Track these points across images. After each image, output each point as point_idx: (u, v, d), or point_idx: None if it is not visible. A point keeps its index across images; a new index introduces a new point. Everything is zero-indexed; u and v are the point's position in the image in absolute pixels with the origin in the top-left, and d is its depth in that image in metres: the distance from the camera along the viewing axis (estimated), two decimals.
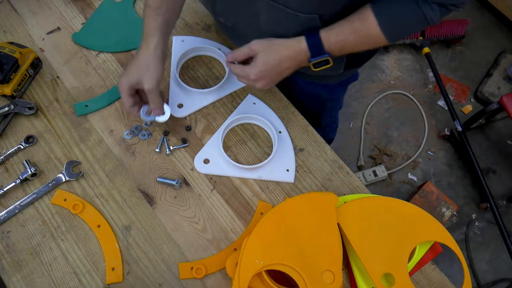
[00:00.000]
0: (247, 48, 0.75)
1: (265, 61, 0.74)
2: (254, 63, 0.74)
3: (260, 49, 0.74)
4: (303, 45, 0.73)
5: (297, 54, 0.74)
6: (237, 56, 0.77)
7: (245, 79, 0.78)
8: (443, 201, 1.68)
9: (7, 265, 0.77)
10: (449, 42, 2.18)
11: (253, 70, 0.74)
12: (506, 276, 1.75)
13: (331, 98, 1.10)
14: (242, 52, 0.76)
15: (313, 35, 0.72)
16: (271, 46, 0.74)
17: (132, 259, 0.78)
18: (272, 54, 0.73)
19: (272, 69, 0.74)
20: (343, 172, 0.87)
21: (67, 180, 0.83)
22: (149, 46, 0.76)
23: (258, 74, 0.74)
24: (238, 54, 0.77)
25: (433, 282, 0.79)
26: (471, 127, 1.93)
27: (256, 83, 0.76)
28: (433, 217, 0.74)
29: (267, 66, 0.74)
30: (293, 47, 0.73)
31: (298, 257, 0.69)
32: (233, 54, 0.77)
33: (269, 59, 0.73)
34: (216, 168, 0.85)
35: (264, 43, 0.74)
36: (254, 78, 0.75)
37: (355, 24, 0.71)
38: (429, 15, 0.67)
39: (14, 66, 0.86)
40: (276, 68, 0.74)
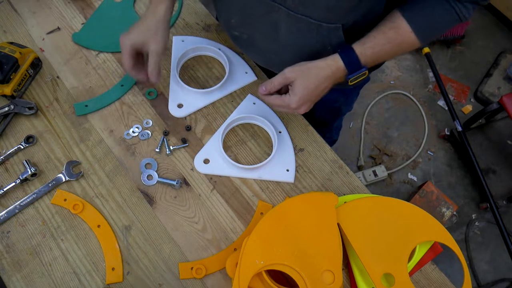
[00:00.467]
0: (281, 77, 0.73)
1: (304, 87, 0.71)
2: (292, 91, 0.72)
3: (296, 76, 0.72)
4: (340, 63, 0.71)
5: (334, 73, 0.72)
6: (271, 87, 0.74)
7: (285, 109, 0.75)
8: (443, 201, 1.68)
9: (7, 265, 0.77)
10: (449, 42, 2.18)
11: (293, 98, 0.72)
12: (506, 276, 1.75)
13: (346, 102, 1.10)
14: (277, 81, 0.73)
15: (348, 52, 0.71)
16: (306, 70, 0.72)
17: (132, 259, 0.78)
18: (310, 78, 0.71)
19: (312, 92, 0.72)
20: (343, 172, 0.87)
21: (67, 180, 0.83)
22: (157, 11, 0.76)
23: (299, 101, 0.72)
24: (273, 85, 0.74)
25: (433, 282, 0.79)
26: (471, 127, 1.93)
27: (298, 110, 0.74)
28: (433, 217, 0.74)
29: (307, 91, 0.72)
30: (330, 67, 0.71)
31: (298, 257, 0.69)
32: (266, 86, 0.75)
33: (308, 84, 0.71)
34: (216, 168, 0.85)
35: (299, 69, 0.72)
36: (295, 106, 0.73)
37: (388, 34, 0.70)
38: (462, 14, 0.67)
39: (14, 66, 0.86)
40: (316, 91, 0.72)
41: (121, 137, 0.88)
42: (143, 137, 0.88)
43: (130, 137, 0.88)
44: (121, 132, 0.88)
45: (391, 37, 0.70)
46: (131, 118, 0.90)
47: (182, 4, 1.02)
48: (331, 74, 0.72)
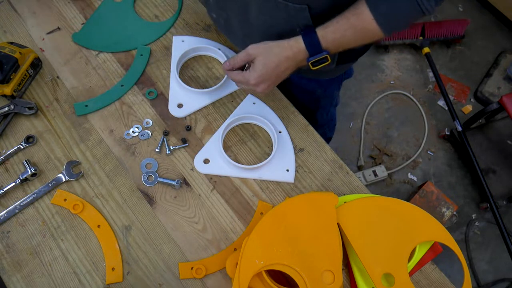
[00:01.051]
0: (244, 54, 0.75)
1: (264, 64, 0.73)
2: (253, 67, 0.74)
3: (258, 53, 0.74)
4: (301, 45, 0.72)
5: (295, 54, 0.73)
6: (234, 62, 0.77)
7: (245, 85, 0.78)
8: (443, 201, 1.68)
9: (7, 265, 0.77)
10: (449, 42, 2.18)
11: (253, 74, 0.74)
12: (506, 276, 1.74)
13: (325, 94, 1.09)
14: (240, 58, 0.76)
15: (310, 34, 0.72)
16: (268, 48, 0.74)
17: (132, 259, 0.78)
18: (270, 56, 0.73)
19: (271, 71, 0.74)
20: (343, 172, 0.87)
21: (67, 180, 0.83)
22: None
23: (258, 78, 0.74)
24: (236, 61, 0.77)
25: (433, 282, 0.79)
26: (471, 127, 1.93)
27: (257, 88, 0.76)
28: (433, 217, 0.74)
29: (267, 69, 0.74)
30: (291, 48, 0.73)
31: (298, 257, 0.69)
32: (230, 61, 0.78)
33: (268, 61, 0.73)
34: (216, 168, 0.85)
35: (261, 46, 0.74)
36: (254, 82, 0.75)
37: (351, 20, 0.71)
38: (424, 6, 0.67)
39: (14, 66, 0.86)
40: (276, 70, 0.74)
41: (121, 137, 0.88)
42: (143, 137, 0.88)
43: (130, 137, 0.88)
44: (121, 132, 0.88)
45: (353, 23, 0.70)
46: (131, 118, 0.90)
47: (182, 4, 1.02)
48: (292, 55, 0.73)
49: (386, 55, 2.18)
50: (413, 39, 2.11)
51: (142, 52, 0.95)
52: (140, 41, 0.97)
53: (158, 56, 0.96)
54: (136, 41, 0.97)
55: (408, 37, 2.11)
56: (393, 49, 2.19)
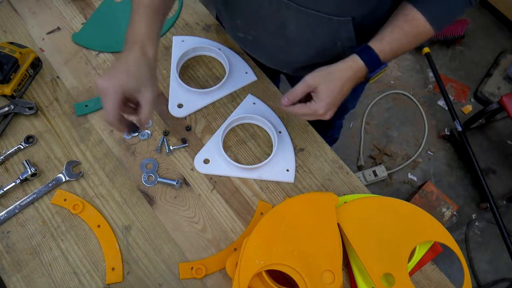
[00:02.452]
0: (303, 86, 0.71)
1: (329, 92, 0.70)
2: (318, 97, 0.71)
3: (319, 82, 0.70)
4: (360, 63, 0.71)
5: (356, 73, 0.71)
6: (294, 96, 0.72)
7: (312, 116, 0.73)
8: (443, 201, 1.68)
9: (7, 265, 0.77)
10: (449, 42, 2.18)
11: (320, 104, 0.70)
12: (506, 276, 1.75)
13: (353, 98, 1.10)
14: (299, 90, 0.72)
15: (367, 51, 0.71)
16: (328, 75, 0.71)
17: (132, 259, 0.78)
18: (333, 81, 0.70)
19: (337, 96, 0.71)
20: (343, 172, 0.87)
21: (67, 180, 0.83)
22: (147, 53, 0.67)
23: (326, 106, 0.70)
24: (296, 94, 0.72)
25: (433, 282, 0.79)
26: (471, 127, 1.93)
27: (325, 116, 0.73)
28: (433, 217, 0.74)
29: (333, 95, 0.70)
30: (351, 68, 0.71)
31: (298, 257, 0.69)
32: (289, 97, 0.73)
33: (332, 87, 0.70)
34: (216, 168, 0.85)
35: (320, 74, 0.71)
36: (323, 111, 0.71)
37: (405, 28, 0.70)
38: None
39: (14, 66, 0.86)
40: (340, 94, 0.72)
41: (121, 137, 0.88)
42: (143, 137, 0.88)
43: (130, 137, 0.88)
44: None
45: (408, 30, 0.70)
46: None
47: (182, 4, 1.02)
48: (352, 75, 0.71)
49: None
50: None
51: None
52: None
53: (158, 56, 0.96)
54: None
55: None
56: None
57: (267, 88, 0.94)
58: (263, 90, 0.94)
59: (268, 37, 0.81)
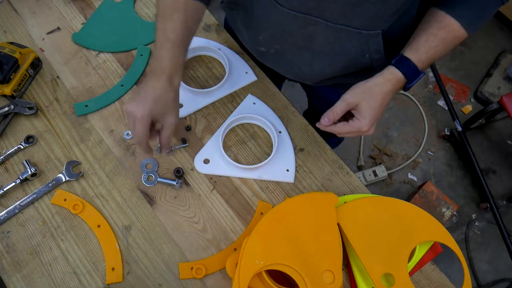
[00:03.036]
0: (343, 105, 0.70)
1: (371, 108, 0.69)
2: (360, 114, 0.70)
3: (359, 99, 0.69)
4: (399, 75, 0.70)
5: (395, 85, 0.70)
6: (335, 116, 0.71)
7: (356, 133, 0.72)
8: (443, 201, 1.68)
9: (7, 265, 0.77)
10: None
11: (364, 122, 0.70)
12: (506, 276, 1.75)
13: None
14: (339, 109, 0.71)
15: (404, 62, 0.70)
16: (368, 91, 0.70)
17: (132, 259, 0.78)
18: (374, 97, 0.69)
19: (379, 111, 0.71)
20: (343, 172, 0.87)
21: (67, 180, 0.83)
22: (174, 83, 0.71)
23: (370, 123, 0.70)
24: (336, 113, 0.71)
25: (433, 282, 0.79)
26: (471, 127, 1.93)
27: (369, 132, 0.72)
28: (433, 217, 0.74)
29: (375, 111, 0.70)
30: (390, 81, 0.70)
31: (298, 257, 0.69)
32: (329, 117, 0.71)
33: (374, 103, 0.69)
34: (216, 168, 0.85)
35: (360, 91, 0.70)
36: (367, 128, 0.70)
37: (439, 35, 0.70)
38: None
39: (14, 66, 0.86)
40: (381, 108, 0.71)
41: (121, 137, 0.88)
42: None
43: (130, 137, 0.88)
44: (121, 132, 0.88)
45: (443, 36, 0.70)
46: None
47: None
48: (392, 87, 0.70)
49: None
50: None
51: (142, 52, 0.95)
52: (140, 41, 0.97)
53: None
54: (136, 41, 0.97)
55: None
56: None
57: (267, 88, 0.94)
58: (263, 90, 0.94)
59: (293, 51, 0.80)
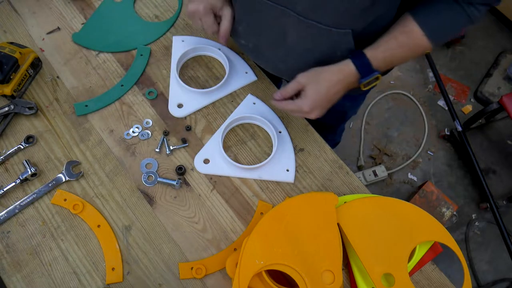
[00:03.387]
0: (294, 83, 0.75)
1: (315, 91, 0.73)
2: (305, 95, 0.74)
3: (308, 81, 0.73)
4: (351, 67, 0.72)
5: (346, 77, 0.73)
6: (285, 93, 0.76)
7: (298, 112, 0.77)
8: (443, 201, 1.68)
9: (7, 265, 0.77)
10: (449, 42, 2.18)
11: (305, 102, 0.73)
12: (506, 276, 1.75)
13: (352, 106, 1.10)
14: (290, 88, 0.75)
15: (360, 56, 0.72)
16: (318, 75, 0.73)
17: (132, 259, 0.78)
18: (321, 82, 0.73)
19: (323, 97, 0.73)
20: (343, 172, 0.87)
21: (67, 180, 0.83)
22: None
23: (311, 105, 0.73)
24: (287, 91, 0.76)
25: (433, 282, 0.79)
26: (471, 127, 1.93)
27: (310, 114, 0.75)
28: (433, 217, 0.74)
29: (318, 95, 0.73)
30: (342, 71, 0.73)
31: (298, 257, 0.69)
32: (281, 93, 0.77)
33: (319, 87, 0.73)
34: (216, 168, 0.85)
35: (311, 74, 0.74)
36: (308, 109, 0.74)
37: (400, 39, 0.71)
38: (474, 16, 0.67)
39: (14, 66, 0.86)
40: (327, 95, 0.73)
41: (121, 137, 0.88)
42: (143, 137, 0.88)
43: (130, 137, 0.88)
44: (121, 132, 0.88)
45: (403, 41, 0.71)
46: (131, 118, 0.90)
47: (182, 4, 1.02)
48: (342, 78, 0.73)
49: None
50: None
51: (142, 52, 0.96)
52: (140, 41, 0.97)
53: (158, 56, 0.96)
54: (136, 41, 0.97)
55: None
56: None
57: (267, 88, 0.94)
58: (263, 90, 0.94)
59: (268, 46, 0.82)
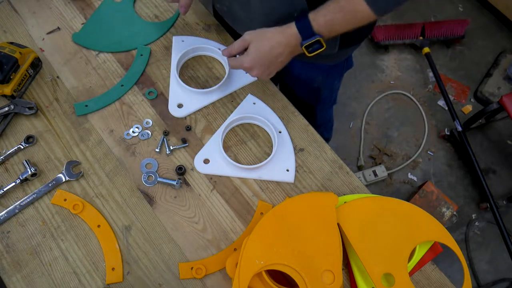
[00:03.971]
0: (240, 40, 0.78)
1: (256, 48, 0.76)
2: (247, 52, 0.78)
3: (252, 38, 0.77)
4: (293, 29, 0.74)
5: (288, 38, 0.75)
6: (232, 49, 0.80)
7: (240, 68, 0.81)
8: (443, 201, 1.68)
9: (7, 265, 0.77)
10: (449, 42, 2.18)
11: (246, 58, 0.77)
12: (506, 276, 1.74)
13: (326, 83, 1.09)
14: (237, 44, 0.79)
15: (302, 19, 0.74)
16: (262, 34, 0.77)
17: (132, 259, 0.78)
18: (263, 41, 0.76)
19: (264, 55, 0.76)
20: (343, 172, 0.87)
21: (67, 180, 0.83)
22: None
23: (251, 61, 0.77)
24: (233, 47, 0.80)
25: (433, 282, 0.79)
26: (471, 127, 1.92)
27: (251, 72, 0.79)
28: (433, 217, 0.74)
29: (259, 53, 0.76)
30: (283, 32, 0.75)
31: (298, 257, 0.69)
32: (228, 49, 0.81)
33: (261, 45, 0.76)
34: (216, 168, 0.85)
35: (256, 32, 0.77)
36: (248, 65, 0.77)
37: (341, 2, 0.71)
38: None
39: (14, 66, 0.86)
40: (268, 54, 0.76)
41: (121, 137, 0.88)
42: (143, 137, 0.88)
43: (130, 137, 0.88)
44: (121, 132, 0.88)
45: (343, 5, 0.71)
46: (131, 118, 0.90)
47: None
48: (285, 40, 0.75)
49: (386, 55, 2.18)
50: (413, 39, 2.11)
51: (142, 52, 0.96)
52: (140, 41, 0.97)
53: (158, 56, 0.96)
54: (136, 41, 0.97)
55: (408, 37, 2.11)
56: (393, 49, 2.19)
57: (267, 88, 0.94)
58: (263, 90, 0.94)
59: (238, 7, 0.87)
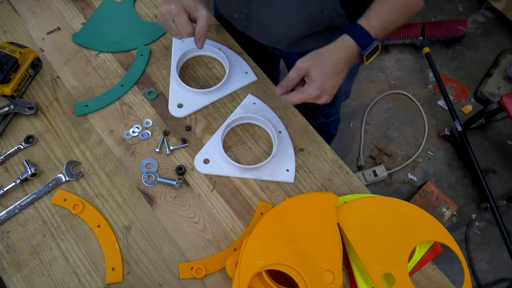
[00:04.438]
0: (295, 71, 0.72)
1: (320, 72, 0.70)
2: (310, 79, 0.71)
3: (310, 65, 0.71)
4: (350, 41, 0.71)
5: (347, 52, 0.71)
6: (288, 83, 0.74)
7: (307, 100, 0.74)
8: (443, 201, 1.68)
9: (7, 265, 0.77)
10: (449, 42, 2.18)
11: (312, 87, 0.71)
12: (506, 276, 1.74)
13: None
14: (292, 77, 0.73)
15: (355, 27, 0.70)
16: (319, 57, 0.71)
17: (132, 259, 0.78)
18: (323, 62, 0.71)
19: (330, 77, 0.71)
20: (343, 172, 0.87)
21: (67, 180, 0.83)
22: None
23: (319, 88, 0.71)
24: (289, 81, 0.73)
25: (433, 282, 0.79)
26: (471, 127, 1.93)
27: (320, 99, 0.73)
28: (433, 217, 0.74)
29: (324, 76, 0.71)
30: (341, 47, 0.71)
31: (298, 257, 0.69)
32: (282, 85, 0.74)
33: (323, 68, 0.71)
34: (216, 168, 0.85)
35: (310, 57, 0.72)
36: (317, 93, 0.71)
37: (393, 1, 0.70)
38: None
39: (14, 66, 0.86)
40: (333, 75, 0.71)
41: (121, 137, 0.88)
42: (143, 137, 0.88)
43: (130, 137, 0.88)
44: (121, 132, 0.88)
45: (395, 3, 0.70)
46: (131, 118, 0.90)
47: None
48: (344, 54, 0.71)
49: (386, 55, 2.18)
50: (413, 39, 2.11)
51: (142, 52, 0.96)
52: (140, 41, 0.97)
53: (158, 56, 0.96)
54: (136, 41, 0.97)
55: (408, 37, 2.11)
56: (393, 49, 2.19)
57: (267, 88, 0.94)
58: (263, 90, 0.94)
59: (259, 13, 0.83)
